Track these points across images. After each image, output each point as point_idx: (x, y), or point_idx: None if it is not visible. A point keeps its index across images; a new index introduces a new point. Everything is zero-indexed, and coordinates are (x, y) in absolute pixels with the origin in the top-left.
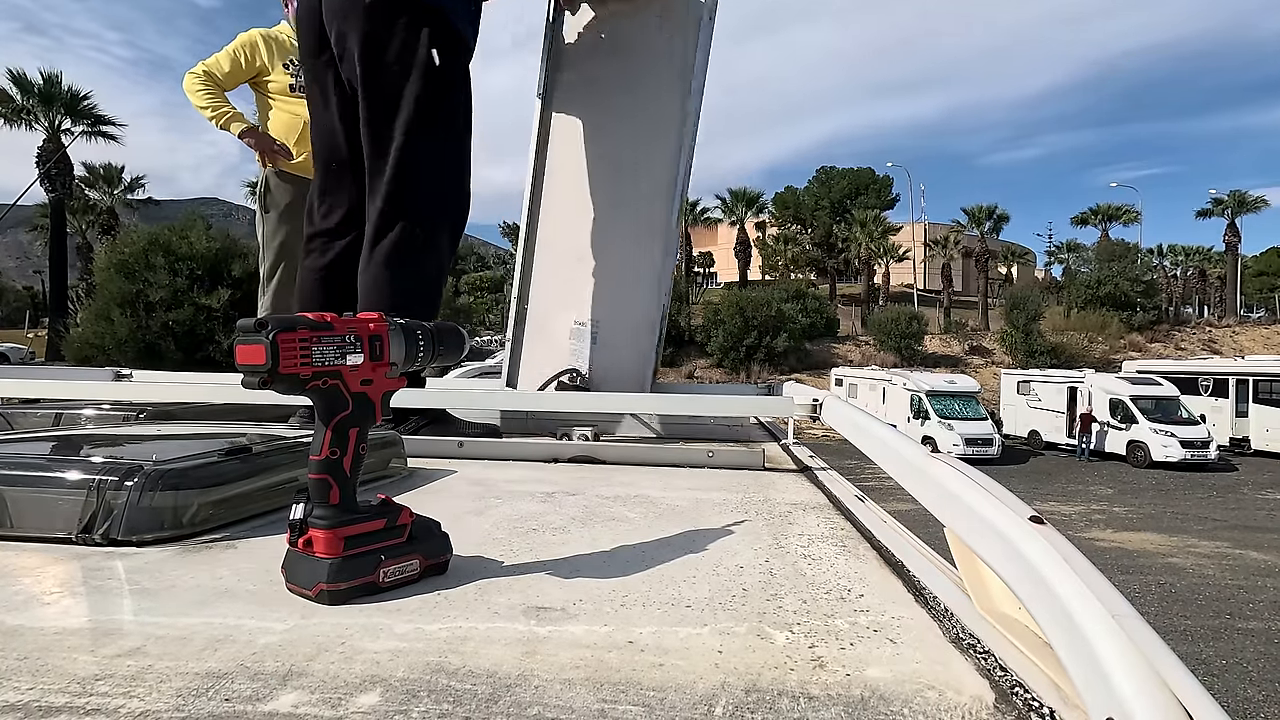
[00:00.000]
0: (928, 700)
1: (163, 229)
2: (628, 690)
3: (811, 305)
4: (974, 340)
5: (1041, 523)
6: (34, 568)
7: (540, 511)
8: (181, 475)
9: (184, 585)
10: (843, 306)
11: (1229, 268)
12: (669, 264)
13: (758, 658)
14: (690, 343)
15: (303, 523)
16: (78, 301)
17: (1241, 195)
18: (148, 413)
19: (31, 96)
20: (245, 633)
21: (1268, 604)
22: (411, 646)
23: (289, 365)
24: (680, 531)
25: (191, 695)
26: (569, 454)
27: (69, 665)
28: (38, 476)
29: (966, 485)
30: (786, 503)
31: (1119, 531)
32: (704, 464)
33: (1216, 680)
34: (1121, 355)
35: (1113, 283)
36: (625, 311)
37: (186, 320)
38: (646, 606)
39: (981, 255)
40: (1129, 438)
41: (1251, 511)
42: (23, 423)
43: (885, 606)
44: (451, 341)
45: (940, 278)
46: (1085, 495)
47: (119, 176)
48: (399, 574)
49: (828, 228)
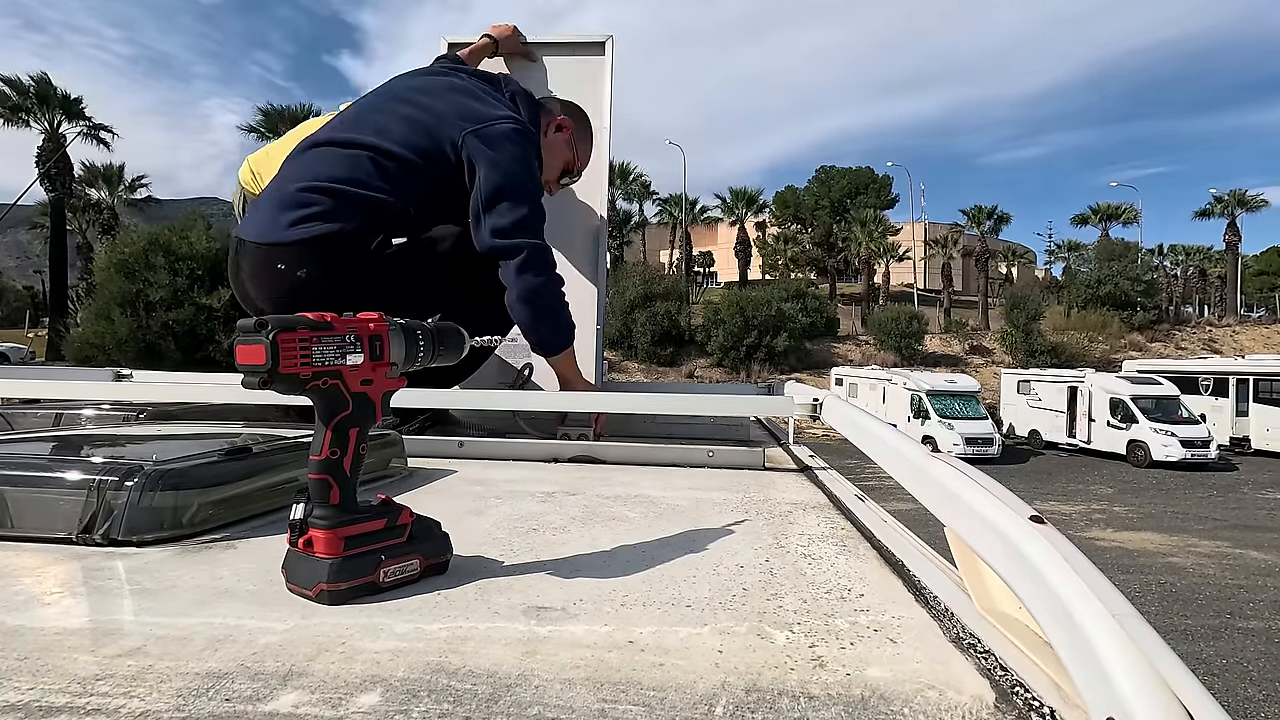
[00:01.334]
0: (928, 700)
1: (163, 229)
2: (628, 690)
3: (811, 305)
4: (974, 340)
5: (1042, 522)
6: (34, 568)
7: (540, 511)
8: (181, 475)
9: (184, 585)
10: (843, 306)
11: (1229, 267)
12: (601, 296)
13: (758, 657)
14: (690, 342)
15: (303, 523)
16: (78, 301)
17: (1242, 194)
18: (148, 413)
19: (28, 98)
20: (245, 633)
21: (1268, 603)
22: (411, 646)
23: (289, 365)
24: (680, 531)
25: (192, 695)
26: (569, 454)
27: (69, 665)
28: (38, 476)
29: (966, 485)
30: (787, 502)
31: (1119, 531)
32: (704, 464)
33: (1217, 680)
34: (1122, 355)
35: (1113, 282)
36: None
37: (186, 320)
38: (647, 606)
39: (981, 255)
40: (1129, 437)
41: (1252, 511)
42: (23, 423)
43: (885, 606)
44: (451, 342)
45: (940, 277)
46: (1085, 495)
47: (119, 176)
48: (399, 574)
49: (828, 227)
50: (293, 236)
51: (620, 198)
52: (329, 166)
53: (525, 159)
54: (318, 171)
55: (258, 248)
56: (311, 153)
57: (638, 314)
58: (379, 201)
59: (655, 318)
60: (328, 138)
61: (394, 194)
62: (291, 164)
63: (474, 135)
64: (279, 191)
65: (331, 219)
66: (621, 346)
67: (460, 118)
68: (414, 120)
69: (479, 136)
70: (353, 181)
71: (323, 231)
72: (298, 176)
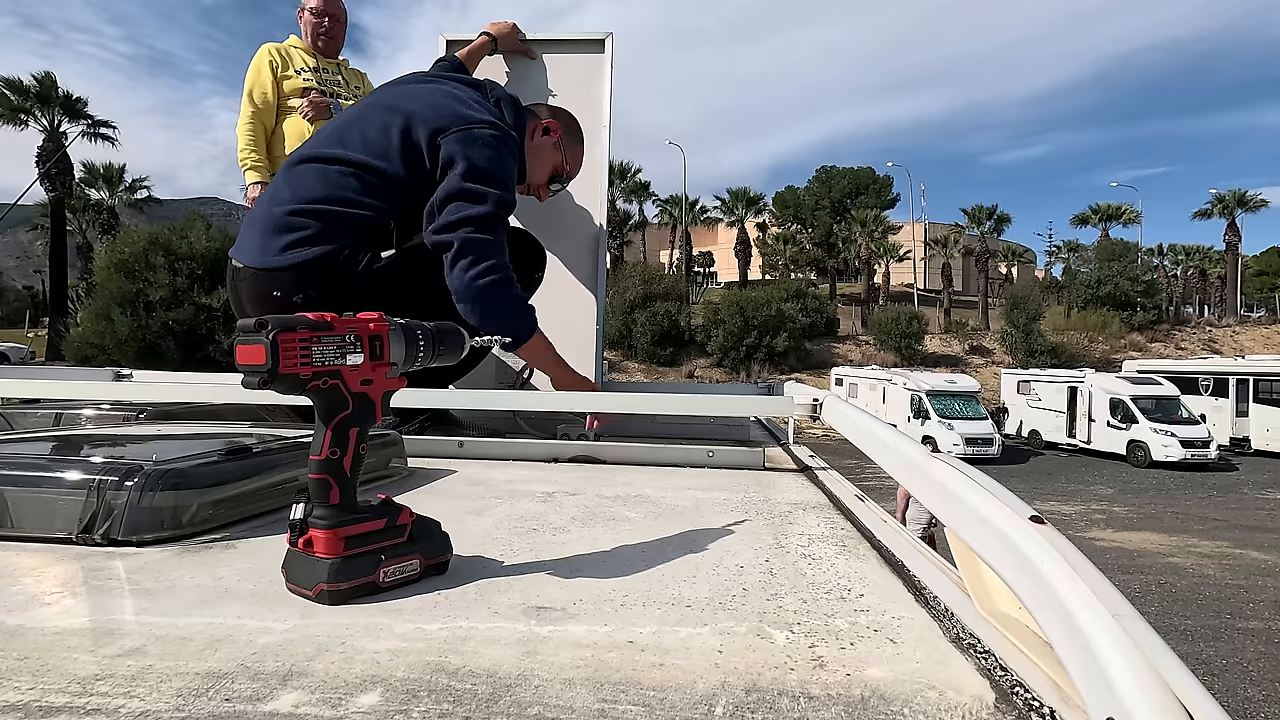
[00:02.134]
0: (928, 700)
1: (163, 229)
2: (628, 690)
3: (811, 305)
4: (974, 340)
5: (1042, 522)
6: (34, 568)
7: (540, 511)
8: (181, 475)
9: (184, 585)
10: (843, 306)
11: (1229, 267)
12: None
13: (758, 657)
14: (690, 342)
15: (303, 523)
16: (78, 301)
17: (1241, 194)
18: (148, 413)
19: (28, 99)
20: (245, 633)
21: (1268, 604)
22: (411, 646)
23: (289, 365)
24: (680, 531)
25: (192, 695)
26: (569, 454)
27: (69, 665)
28: (38, 476)
29: (966, 485)
30: (787, 502)
31: (1119, 531)
32: (704, 464)
33: (1217, 680)
34: (1122, 355)
35: (1113, 282)
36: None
37: (186, 320)
38: (647, 606)
39: (982, 255)
40: (1129, 437)
41: (1252, 511)
42: (23, 423)
43: (885, 606)
44: (451, 342)
45: (940, 277)
46: (1085, 495)
47: (119, 177)
48: (399, 574)
49: (828, 227)
50: (287, 261)
51: (620, 198)
52: (314, 186)
53: (496, 161)
54: (304, 193)
55: (254, 274)
56: (299, 170)
57: (638, 314)
58: (366, 219)
59: (655, 318)
60: (314, 153)
61: (380, 209)
62: (281, 182)
63: (450, 138)
64: (268, 214)
65: (321, 241)
66: (621, 346)
67: (439, 122)
68: (396, 131)
69: (455, 139)
70: (339, 200)
71: (314, 254)
72: (287, 199)
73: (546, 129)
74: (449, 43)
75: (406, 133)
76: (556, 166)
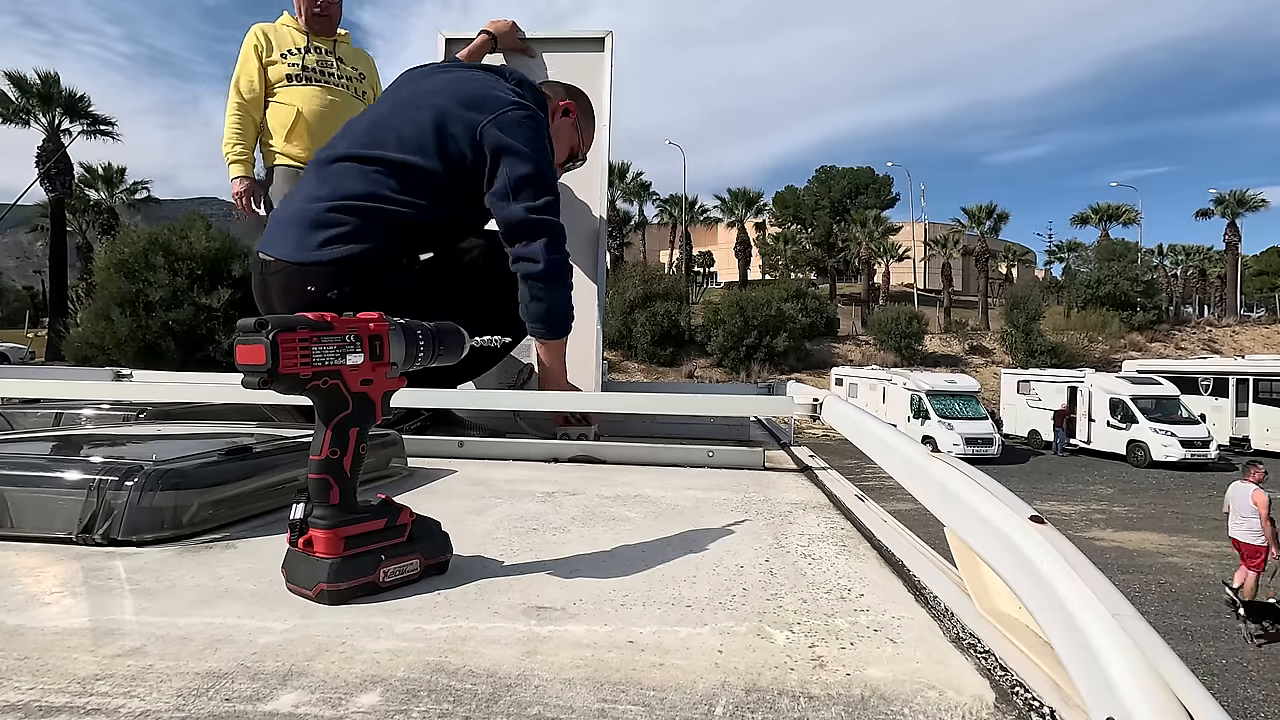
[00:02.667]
0: (928, 700)
1: (163, 229)
2: (628, 690)
3: (811, 305)
4: (974, 340)
5: (1042, 522)
6: (34, 568)
7: (540, 511)
8: (181, 475)
9: (184, 585)
10: (843, 306)
11: (1229, 267)
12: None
13: (758, 657)
14: (690, 342)
15: (303, 523)
16: (78, 301)
17: (1242, 194)
18: (148, 413)
19: (30, 97)
20: (245, 633)
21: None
22: (411, 646)
23: (289, 365)
24: (680, 531)
25: (192, 695)
26: (569, 454)
27: (69, 665)
28: (38, 476)
29: (966, 485)
30: (787, 502)
31: (1119, 531)
32: (704, 464)
33: (1217, 680)
34: (1122, 355)
35: (1113, 282)
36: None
37: (186, 320)
38: (646, 606)
39: (981, 255)
40: (1129, 437)
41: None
42: (23, 423)
43: (885, 606)
44: (451, 341)
45: (940, 277)
46: (1085, 495)
47: (119, 177)
48: (399, 574)
49: (828, 227)
50: (325, 256)
51: (620, 198)
52: (353, 184)
53: (541, 144)
54: (343, 189)
55: (288, 268)
56: (336, 167)
57: (638, 314)
58: (405, 216)
59: (655, 318)
60: (348, 152)
61: (420, 206)
62: (314, 179)
63: (492, 124)
64: (305, 210)
65: (360, 238)
66: (621, 346)
67: (475, 110)
68: (430, 125)
69: (497, 125)
70: (378, 198)
71: (353, 251)
72: (326, 195)
73: (566, 110)
74: (448, 41)
75: (441, 127)
76: (574, 147)
